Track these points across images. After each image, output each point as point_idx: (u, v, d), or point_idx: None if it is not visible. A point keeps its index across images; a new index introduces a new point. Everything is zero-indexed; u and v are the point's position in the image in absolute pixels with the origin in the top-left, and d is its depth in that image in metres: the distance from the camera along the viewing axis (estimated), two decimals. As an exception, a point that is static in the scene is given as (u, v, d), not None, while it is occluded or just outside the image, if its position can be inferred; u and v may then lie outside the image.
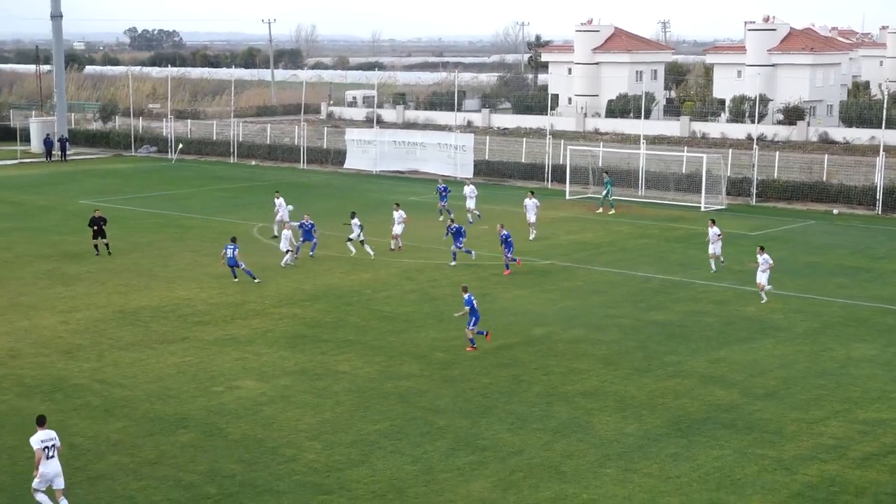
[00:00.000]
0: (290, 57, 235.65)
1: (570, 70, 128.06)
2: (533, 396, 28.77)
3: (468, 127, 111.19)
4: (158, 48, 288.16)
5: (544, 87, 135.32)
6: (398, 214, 48.44)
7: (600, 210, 60.86)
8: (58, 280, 42.40)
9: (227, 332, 35.20)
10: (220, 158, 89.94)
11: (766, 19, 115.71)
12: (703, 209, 61.40)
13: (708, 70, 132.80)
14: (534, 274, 44.11)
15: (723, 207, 62.48)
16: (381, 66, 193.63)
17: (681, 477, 23.50)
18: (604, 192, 61.87)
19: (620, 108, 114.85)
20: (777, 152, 74.89)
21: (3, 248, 48.92)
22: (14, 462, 24.46)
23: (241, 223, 55.85)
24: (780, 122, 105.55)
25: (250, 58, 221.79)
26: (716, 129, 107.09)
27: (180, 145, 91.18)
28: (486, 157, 79.19)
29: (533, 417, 27.19)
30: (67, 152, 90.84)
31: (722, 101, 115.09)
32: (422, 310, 38.21)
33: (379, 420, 26.98)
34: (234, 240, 42.62)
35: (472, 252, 45.00)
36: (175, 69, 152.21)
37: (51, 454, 21.87)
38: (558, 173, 70.54)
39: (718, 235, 42.81)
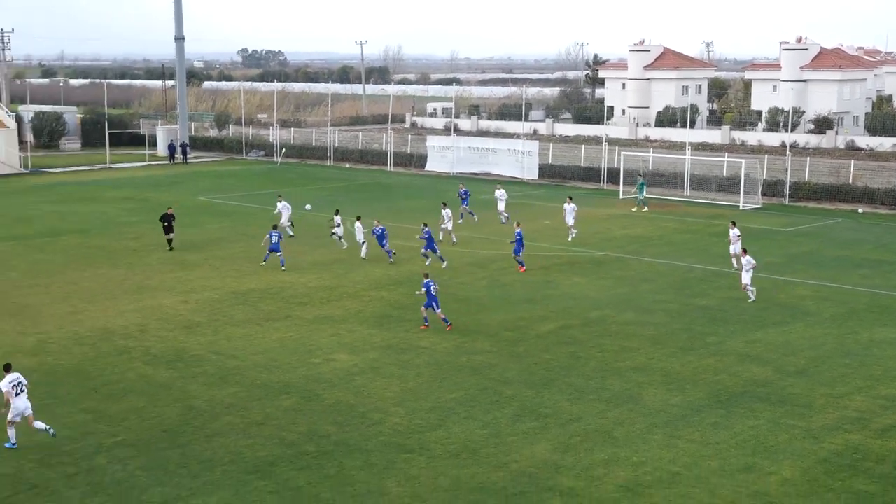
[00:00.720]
0: (379, 74, 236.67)
1: (623, 85, 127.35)
2: (589, 371, 28.68)
3: (534, 135, 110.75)
4: (266, 66, 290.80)
5: (601, 100, 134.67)
6: (446, 213, 48.51)
7: (635, 209, 60.48)
8: (178, 266, 43.00)
9: (323, 311, 35.49)
10: (318, 161, 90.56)
11: (799, 40, 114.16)
12: (741, 208, 60.79)
13: (747, 85, 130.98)
14: (591, 264, 43.94)
15: (759, 206, 61.82)
16: (458, 82, 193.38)
17: (720, 443, 23.33)
18: (637, 192, 61.54)
19: (668, 118, 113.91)
20: (808, 158, 73.88)
21: (133, 238, 49.76)
22: (142, 419, 24.81)
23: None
24: (811, 132, 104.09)
25: (345, 74, 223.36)
26: (753, 137, 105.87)
27: (284, 150, 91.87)
28: (550, 161, 79.01)
29: (589, 389, 27.11)
30: (188, 156, 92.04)
31: (759, 113, 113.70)
32: (492, 294, 38.19)
33: (454, 389, 27.06)
34: (274, 227, 43.86)
35: (442, 258, 43.13)
36: (280, 84, 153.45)
37: (19, 391, 23.38)
38: (613, 176, 70.13)
39: (738, 236, 42.02)
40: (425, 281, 32.93)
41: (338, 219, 46.27)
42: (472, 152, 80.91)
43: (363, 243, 44.24)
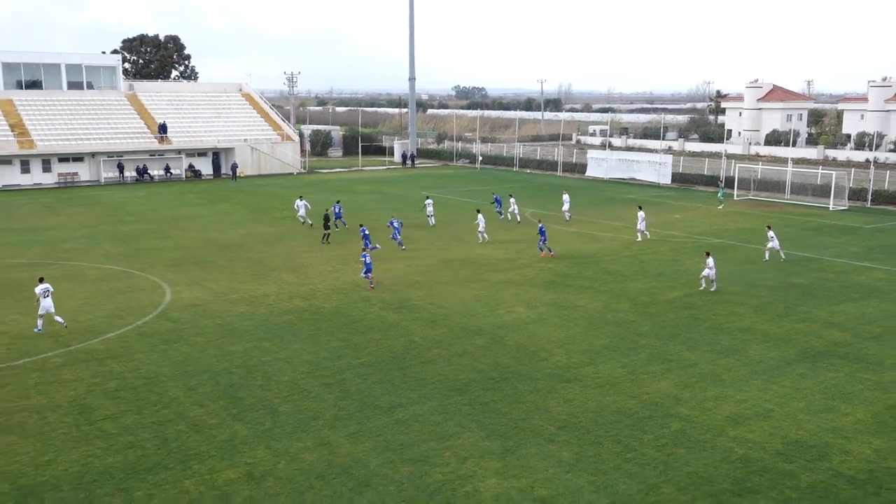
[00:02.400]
0: (554, 104, 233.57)
1: (740, 113, 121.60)
2: (704, 329, 27.72)
3: (668, 150, 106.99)
4: (472, 98, 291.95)
5: (721, 125, 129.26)
6: (641, 214, 45.09)
7: (720, 207, 58.00)
8: (405, 239, 43.73)
9: (506, 277, 35.57)
10: (507, 167, 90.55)
11: (884, 79, 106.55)
12: (830, 209, 57.35)
13: (839, 114, 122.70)
14: (710, 248, 42.38)
15: (845, 208, 58.09)
16: (612, 110, 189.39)
17: (806, 389, 22.18)
18: (719, 194, 59.92)
19: (774, 139, 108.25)
20: (888, 171, 68.76)
21: (374, 219, 51.02)
22: (378, 348, 25.49)
23: (521, 207, 56.14)
24: (891, 150, 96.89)
25: (528, 104, 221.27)
26: (843, 154, 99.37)
27: (479, 158, 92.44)
28: (680, 171, 76.50)
29: (704, 342, 26.21)
30: (415, 162, 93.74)
31: (848, 136, 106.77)
32: (632, 269, 37.37)
33: (602, 337, 26.68)
34: (393, 216, 44.46)
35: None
36: (481, 111, 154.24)
37: (46, 296, 26.94)
38: (729, 182, 67.36)
39: (772, 237, 39.36)
40: (363, 254, 33.53)
41: (512, 200, 46.01)
42: (620, 162, 79.49)
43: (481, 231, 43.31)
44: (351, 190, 68.40)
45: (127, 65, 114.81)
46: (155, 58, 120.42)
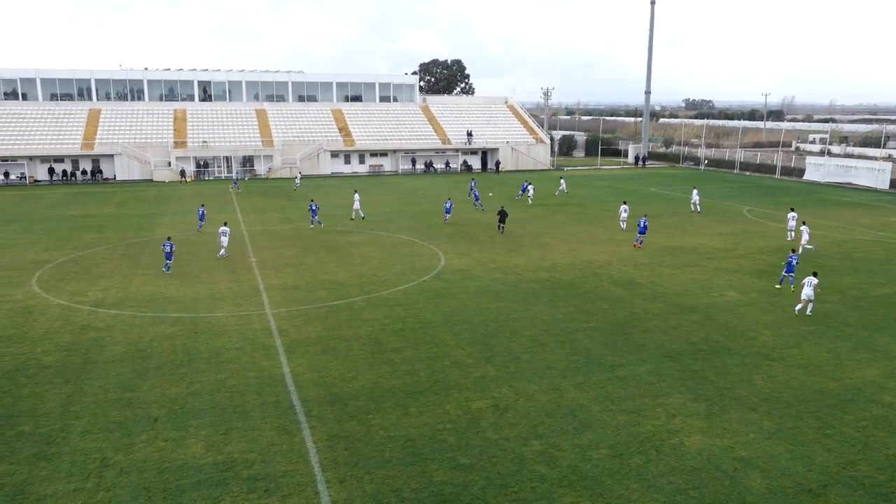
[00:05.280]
0: (776, 115, 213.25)
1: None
2: (915, 325, 24.06)
3: (889, 158, 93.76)
4: (700, 109, 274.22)
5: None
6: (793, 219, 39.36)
7: None
8: (633, 229, 42.08)
9: (721, 264, 33.20)
10: (728, 170, 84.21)
11: None
12: None
13: None
14: (925, 250, 36.72)
15: None
16: (833, 121, 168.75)
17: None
18: None
19: None
20: None
21: (606, 210, 49.69)
22: (604, 316, 24.89)
23: (734, 206, 51.99)
24: None
25: (752, 115, 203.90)
26: None
27: (706, 160, 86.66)
28: (899, 177, 66.91)
29: (913, 337, 22.77)
30: (646, 163, 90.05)
31: None
32: (844, 264, 33.26)
33: (809, 324, 24.05)
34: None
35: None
36: (706, 120, 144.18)
37: (224, 235, 32.99)
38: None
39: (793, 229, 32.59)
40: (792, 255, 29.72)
41: (695, 191, 42.64)
42: (838, 168, 70.79)
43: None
44: (590, 185, 67.22)
45: (422, 83, 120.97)
46: (443, 77, 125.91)
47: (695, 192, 50.97)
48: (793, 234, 39.31)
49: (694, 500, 13.63)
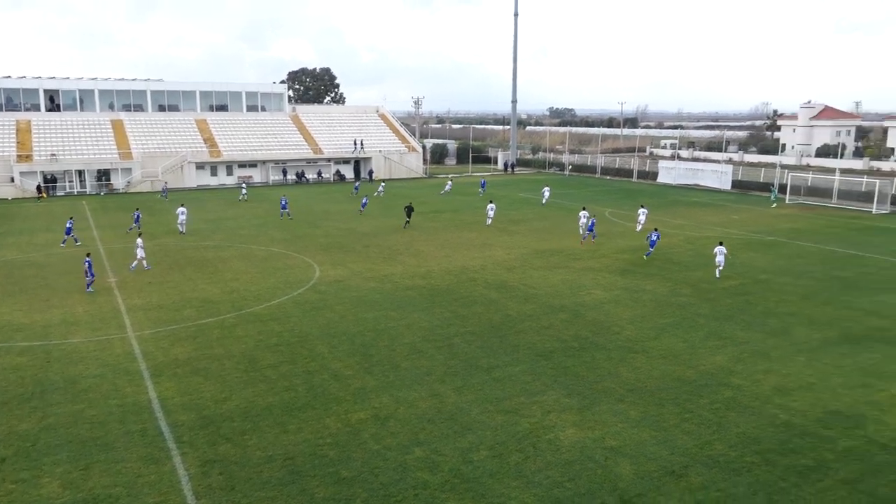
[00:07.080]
0: (632, 122, 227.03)
1: (794, 130, 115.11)
2: (756, 312, 26.40)
3: (729, 161, 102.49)
4: (563, 116, 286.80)
5: (777, 139, 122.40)
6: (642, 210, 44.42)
7: (773, 206, 56.34)
8: (505, 233, 43.66)
9: (587, 264, 34.87)
10: (589, 174, 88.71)
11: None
12: (873, 212, 53.67)
13: (885, 130, 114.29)
14: (762, 245, 40.32)
15: (887, 212, 54.23)
16: (681, 127, 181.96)
17: (845, 367, 20.82)
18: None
19: (824, 152, 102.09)
20: (928, 180, 63.80)
21: (480, 215, 51.04)
22: (480, 319, 25.37)
23: (597, 209, 54.89)
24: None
25: (609, 122, 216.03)
26: (887, 165, 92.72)
27: (570, 166, 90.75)
28: (739, 178, 73.03)
29: (755, 324, 24.97)
30: (515, 169, 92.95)
31: (892, 149, 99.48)
32: (695, 260, 35.98)
33: (667, 317, 25.80)
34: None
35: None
36: (569, 128, 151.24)
37: (140, 248, 32.74)
38: (783, 188, 63.86)
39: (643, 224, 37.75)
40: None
41: (584, 213, 44.45)
42: (687, 171, 76.54)
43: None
44: (465, 193, 68.49)
45: (291, 92, 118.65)
46: (312, 86, 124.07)
47: (546, 189, 57.03)
48: (640, 227, 43.49)
49: (570, 491, 14.18)
